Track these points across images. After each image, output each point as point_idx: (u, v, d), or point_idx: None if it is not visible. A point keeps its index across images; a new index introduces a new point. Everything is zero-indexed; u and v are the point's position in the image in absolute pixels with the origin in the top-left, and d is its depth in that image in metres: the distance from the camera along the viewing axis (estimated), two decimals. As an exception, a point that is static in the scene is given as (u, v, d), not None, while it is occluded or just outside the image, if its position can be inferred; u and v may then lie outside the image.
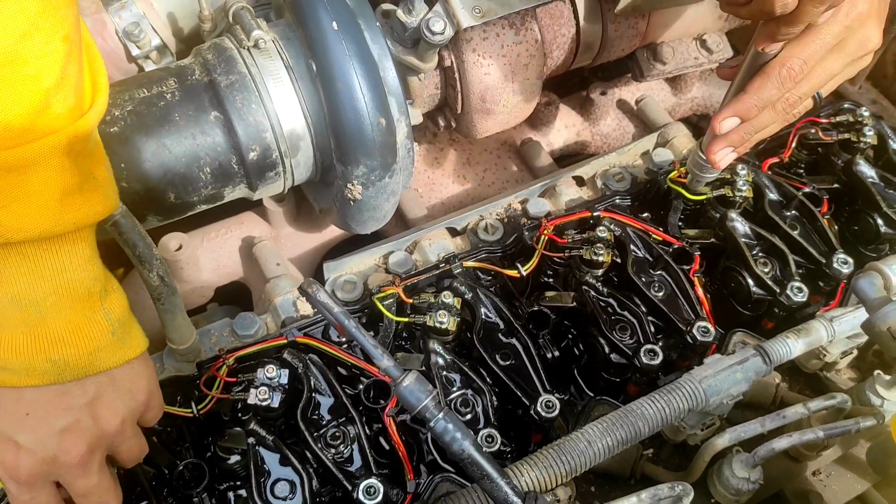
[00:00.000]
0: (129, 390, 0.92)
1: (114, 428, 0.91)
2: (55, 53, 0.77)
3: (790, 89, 0.99)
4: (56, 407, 0.87)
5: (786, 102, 1.00)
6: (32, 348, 0.83)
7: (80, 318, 0.86)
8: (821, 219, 1.38)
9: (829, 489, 1.20)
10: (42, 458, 0.87)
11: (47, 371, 0.85)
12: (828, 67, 0.99)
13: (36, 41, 0.75)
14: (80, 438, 0.88)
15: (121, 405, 0.91)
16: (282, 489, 1.09)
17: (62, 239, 0.82)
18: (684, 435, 1.17)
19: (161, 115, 1.16)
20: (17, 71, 0.74)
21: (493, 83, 1.31)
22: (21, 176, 0.76)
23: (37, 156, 0.77)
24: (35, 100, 0.76)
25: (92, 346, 0.87)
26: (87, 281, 0.86)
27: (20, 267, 0.81)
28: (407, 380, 0.83)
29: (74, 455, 0.88)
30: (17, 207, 0.77)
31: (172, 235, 1.46)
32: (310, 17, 1.16)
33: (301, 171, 1.28)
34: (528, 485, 0.95)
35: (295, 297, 1.29)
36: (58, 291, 0.83)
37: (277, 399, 1.08)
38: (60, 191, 0.80)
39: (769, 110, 1.01)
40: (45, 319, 0.84)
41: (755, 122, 1.03)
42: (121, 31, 1.45)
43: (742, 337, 1.29)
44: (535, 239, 1.32)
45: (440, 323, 1.17)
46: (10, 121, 0.75)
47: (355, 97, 1.15)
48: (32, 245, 0.81)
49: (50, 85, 0.77)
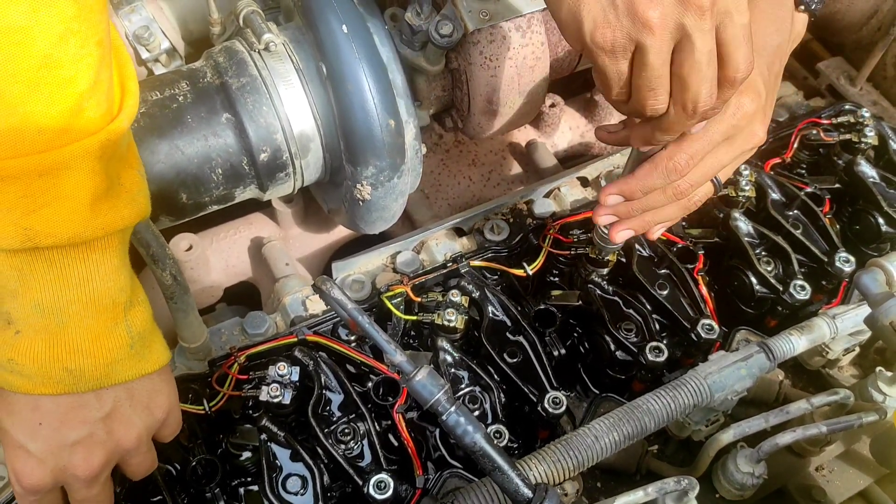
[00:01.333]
0: (147, 406, 0.92)
1: (129, 444, 0.91)
2: (90, 57, 0.76)
3: (675, 180, 1.00)
4: (71, 419, 0.86)
5: (676, 189, 1.02)
6: (50, 356, 0.83)
7: (101, 329, 0.85)
8: (823, 218, 1.40)
9: (832, 484, 1.22)
10: (52, 469, 0.87)
11: (63, 380, 0.84)
12: (718, 159, 1.01)
13: (72, 45, 0.74)
14: (93, 453, 0.88)
15: (138, 420, 0.90)
16: (293, 484, 1.10)
17: (90, 247, 0.82)
18: (689, 431, 1.19)
19: (173, 117, 1.17)
20: (53, 74, 0.74)
21: (499, 85, 1.33)
22: (53, 180, 0.76)
23: (70, 159, 0.76)
24: (70, 103, 0.76)
25: (110, 357, 0.86)
26: (112, 291, 0.85)
27: (47, 274, 0.80)
28: (420, 374, 0.84)
29: (85, 469, 0.87)
30: (47, 212, 0.76)
31: (183, 236, 1.48)
32: (320, 21, 1.17)
33: (311, 171, 1.30)
34: (537, 479, 0.97)
35: (304, 296, 1.30)
36: (82, 300, 0.82)
37: (289, 396, 1.10)
38: (91, 195, 0.79)
39: (658, 193, 1.03)
40: (66, 328, 0.83)
41: (643, 202, 1.04)
42: (130, 35, 1.47)
43: (745, 335, 1.30)
44: (540, 238, 1.34)
45: (448, 321, 1.18)
46: (45, 124, 0.74)
47: (365, 98, 1.16)
48: (60, 252, 0.80)
49: (84, 88, 0.76)
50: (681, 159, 0.98)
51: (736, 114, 0.98)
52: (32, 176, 0.75)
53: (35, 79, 0.73)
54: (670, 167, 0.99)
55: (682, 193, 1.03)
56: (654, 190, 1.02)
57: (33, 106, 0.73)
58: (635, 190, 1.03)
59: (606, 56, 0.84)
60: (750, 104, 0.98)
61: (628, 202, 1.05)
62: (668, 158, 0.99)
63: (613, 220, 1.09)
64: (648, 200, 1.04)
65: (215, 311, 1.64)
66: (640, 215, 1.07)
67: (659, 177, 1.00)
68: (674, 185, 1.01)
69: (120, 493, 1.09)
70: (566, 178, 1.49)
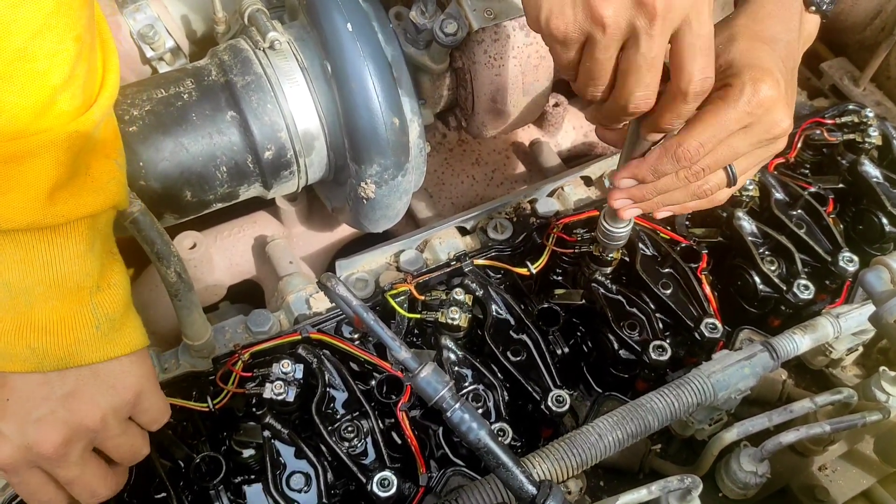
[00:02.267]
0: (113, 386, 0.92)
1: (92, 423, 0.90)
2: (66, 52, 0.79)
3: (686, 166, 1.00)
4: (35, 396, 0.88)
5: (688, 171, 1.02)
6: (16, 334, 0.85)
7: (66, 311, 0.87)
8: (826, 218, 1.40)
9: (835, 484, 1.22)
10: (17, 445, 0.87)
11: (27, 358, 0.86)
12: (732, 147, 1.00)
13: (48, 39, 0.77)
14: (55, 430, 0.88)
15: (101, 400, 0.91)
16: (297, 482, 1.11)
17: (55, 231, 0.84)
18: (692, 430, 1.19)
19: (178, 115, 1.18)
20: (27, 67, 0.76)
21: (503, 84, 1.34)
22: (18, 167, 0.78)
23: (35, 148, 0.79)
24: (42, 96, 0.78)
25: (74, 338, 0.87)
26: (77, 275, 0.87)
27: (14, 255, 0.83)
28: (424, 371, 0.85)
29: (48, 446, 0.87)
30: (9, 198, 0.79)
31: (186, 234, 1.48)
32: (324, 19, 1.18)
33: (315, 170, 1.30)
34: (541, 476, 0.97)
35: (308, 294, 1.31)
36: (46, 282, 0.85)
37: (293, 393, 1.10)
38: (52, 184, 0.81)
39: (670, 177, 1.03)
40: (33, 308, 0.85)
41: (657, 185, 1.04)
42: (135, 33, 1.48)
43: (749, 334, 1.30)
44: (544, 237, 1.34)
45: (452, 319, 1.18)
46: (16, 114, 0.77)
47: (369, 97, 1.17)
48: (27, 234, 0.82)
49: (58, 82, 0.79)
50: (690, 146, 0.98)
51: (751, 100, 0.96)
52: None
53: (9, 71, 0.75)
54: (679, 153, 0.98)
55: (694, 176, 1.02)
56: (666, 175, 1.02)
57: (6, 96, 0.76)
58: (647, 174, 1.03)
59: (558, 45, 0.88)
60: (768, 90, 0.96)
61: (641, 186, 1.05)
62: (678, 144, 0.98)
63: (629, 204, 1.08)
64: (660, 184, 1.04)
65: (219, 310, 1.64)
66: (653, 198, 1.07)
67: (669, 162, 1.00)
68: (685, 169, 1.01)
69: (124, 490, 1.09)
70: (570, 177, 1.49)
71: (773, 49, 1.03)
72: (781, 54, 1.04)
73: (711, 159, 1.00)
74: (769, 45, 1.03)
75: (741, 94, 0.96)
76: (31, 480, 0.91)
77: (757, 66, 0.98)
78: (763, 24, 1.04)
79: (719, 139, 0.98)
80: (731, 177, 1.05)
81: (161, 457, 1.11)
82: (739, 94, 0.96)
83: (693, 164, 1.00)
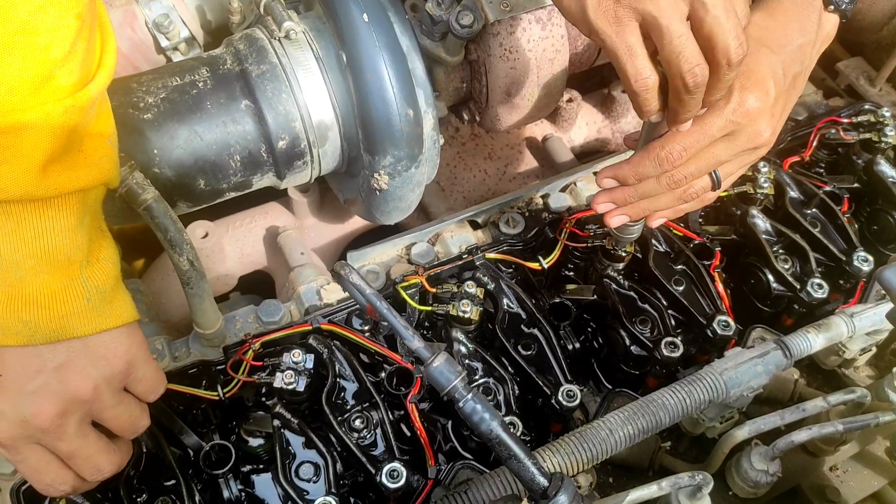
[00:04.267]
0: (104, 356, 0.92)
1: (85, 394, 0.91)
2: (67, 28, 0.79)
3: (668, 170, 1.01)
4: (28, 369, 0.88)
5: (670, 178, 1.02)
6: (7, 307, 0.85)
7: (56, 284, 0.87)
8: (841, 217, 1.39)
9: (846, 485, 1.21)
10: (13, 420, 0.88)
11: (19, 332, 0.86)
12: (715, 154, 1.01)
13: (50, 14, 0.77)
14: (48, 402, 0.88)
15: (93, 371, 0.91)
16: (306, 471, 1.10)
17: (47, 204, 0.84)
18: (703, 427, 1.18)
19: (193, 103, 1.18)
20: (28, 40, 0.77)
21: (518, 77, 1.33)
22: (13, 139, 0.79)
23: (31, 121, 0.79)
24: (42, 70, 0.79)
25: (64, 310, 0.87)
26: (67, 248, 0.87)
27: (4, 226, 0.83)
28: (437, 360, 0.84)
29: (43, 418, 0.88)
30: (4, 168, 0.79)
31: (199, 223, 1.49)
32: (340, 9, 1.17)
33: (328, 160, 1.30)
34: (551, 470, 0.97)
35: (319, 285, 1.31)
36: (37, 255, 0.85)
37: (303, 383, 1.10)
38: (46, 157, 0.82)
39: (653, 182, 1.04)
40: (23, 281, 0.85)
41: (638, 189, 1.05)
42: (150, 23, 1.48)
43: (761, 333, 1.29)
44: (556, 232, 1.33)
45: (463, 312, 1.18)
46: (14, 86, 0.78)
47: (384, 88, 1.16)
48: (18, 206, 0.82)
49: (58, 57, 0.80)
50: (673, 150, 0.99)
51: (737, 110, 0.97)
52: None
53: (10, 43, 0.76)
54: (662, 156, 1.00)
55: (676, 183, 1.03)
56: (648, 178, 1.03)
57: (6, 68, 0.77)
58: (628, 175, 1.04)
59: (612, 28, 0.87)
60: (754, 102, 0.97)
61: (624, 189, 1.06)
62: (661, 148, 0.99)
63: (611, 208, 1.09)
64: (643, 188, 1.05)
65: (229, 300, 1.65)
66: (636, 202, 1.07)
67: (650, 165, 1.01)
68: (668, 174, 1.01)
69: (133, 476, 1.10)
70: (582, 172, 1.49)
71: (779, 54, 1.03)
72: (787, 59, 1.04)
73: (694, 166, 1.01)
74: (775, 50, 1.02)
75: (728, 103, 0.97)
76: (32, 457, 0.91)
77: (750, 74, 0.98)
78: (779, 23, 1.04)
79: (702, 145, 0.99)
80: (715, 181, 1.06)
81: (171, 444, 1.11)
82: (726, 103, 0.97)
83: (675, 167, 1.00)
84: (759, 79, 0.98)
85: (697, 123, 0.97)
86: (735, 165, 1.07)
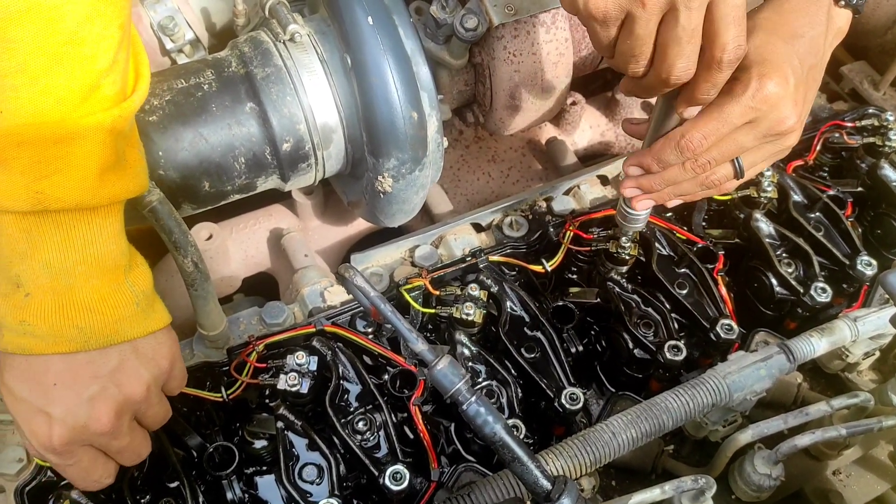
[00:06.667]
0: (153, 358, 0.95)
1: (139, 395, 0.93)
2: (111, 39, 0.82)
3: (689, 158, 1.02)
4: (83, 376, 0.89)
5: (694, 164, 1.03)
6: (61, 315, 0.86)
7: (107, 289, 0.89)
8: (845, 221, 1.39)
9: (850, 489, 1.21)
10: (73, 427, 0.89)
11: (74, 338, 0.87)
12: (738, 141, 1.02)
13: (97, 25, 0.80)
14: (108, 406, 0.90)
15: (145, 372, 0.94)
16: (309, 473, 1.11)
17: (94, 212, 0.86)
18: (706, 431, 1.18)
19: (198, 106, 1.18)
20: (76, 51, 0.79)
21: (522, 80, 1.33)
22: (67, 148, 0.81)
23: (84, 130, 0.81)
24: (89, 79, 0.81)
25: (117, 315, 0.90)
26: (114, 254, 0.89)
27: (54, 235, 0.84)
28: (441, 363, 0.85)
29: (104, 422, 0.90)
30: (58, 178, 0.81)
31: (203, 225, 1.49)
32: (345, 12, 1.18)
33: (332, 163, 1.30)
34: (554, 473, 0.97)
35: (322, 287, 1.31)
36: (87, 261, 0.87)
37: (307, 385, 1.10)
38: (100, 166, 0.84)
39: (677, 168, 1.05)
40: (74, 288, 0.87)
41: (664, 176, 1.07)
42: (155, 25, 1.48)
43: (764, 336, 1.30)
44: (560, 235, 1.34)
45: (467, 315, 1.18)
46: (63, 96, 0.80)
47: (389, 90, 1.17)
48: (67, 215, 0.84)
49: (103, 67, 0.82)
50: (693, 137, 1.00)
51: (756, 96, 0.97)
52: (48, 143, 0.80)
53: (59, 54, 0.78)
54: (682, 144, 1.01)
55: (700, 168, 1.03)
56: (671, 165, 1.04)
57: (55, 79, 0.79)
58: (651, 163, 1.06)
59: (598, 24, 0.89)
60: (774, 87, 0.97)
61: (650, 176, 1.08)
62: (682, 136, 1.01)
63: (638, 193, 1.11)
64: (668, 175, 1.06)
65: (233, 302, 1.65)
66: (662, 189, 1.09)
67: (672, 152, 1.02)
68: (691, 161, 1.03)
69: (137, 478, 1.10)
70: (586, 175, 1.49)
71: (792, 45, 1.03)
72: (801, 50, 1.04)
73: (717, 152, 1.02)
74: (788, 41, 1.03)
75: (746, 90, 0.97)
76: (84, 458, 0.93)
77: (767, 62, 0.98)
78: (787, 18, 1.04)
79: (723, 132, 1.00)
80: (737, 169, 1.06)
81: (174, 446, 1.11)
82: (744, 90, 0.97)
83: (697, 155, 1.02)
84: (777, 65, 0.98)
85: (715, 110, 0.98)
86: (760, 155, 1.07)
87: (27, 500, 1.06)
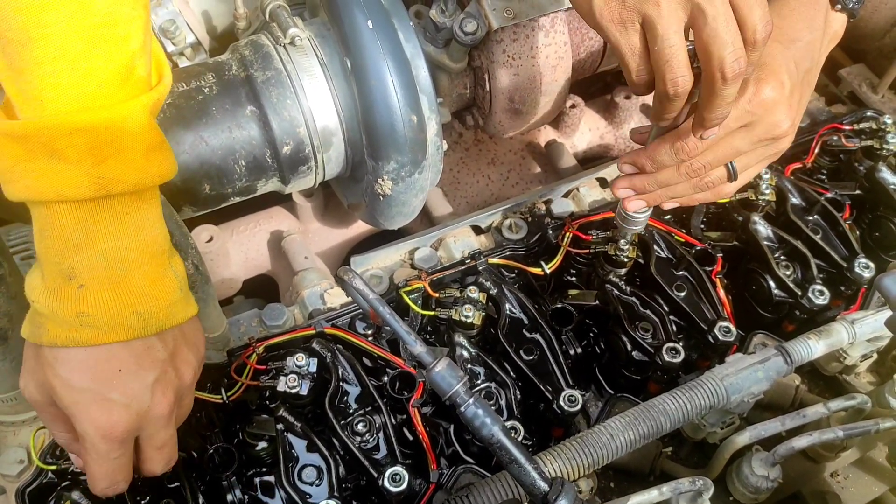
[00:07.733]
0: (195, 343, 0.96)
1: (190, 379, 0.94)
2: (139, 19, 0.81)
3: (684, 160, 1.03)
4: (145, 361, 0.89)
5: (689, 167, 1.04)
6: (120, 302, 0.86)
7: (156, 274, 0.89)
8: (843, 224, 1.39)
9: (847, 491, 1.22)
10: (137, 412, 0.89)
11: (133, 325, 0.87)
12: (733, 145, 1.02)
13: (126, 5, 0.79)
14: (169, 389, 0.91)
15: (192, 358, 0.95)
16: (309, 475, 1.11)
17: (142, 197, 0.86)
18: (704, 433, 1.19)
19: (199, 109, 1.19)
20: (111, 32, 0.78)
21: (521, 84, 1.34)
22: (117, 132, 0.80)
23: (131, 113, 0.81)
24: (125, 60, 0.81)
25: (168, 299, 0.90)
26: (160, 238, 0.89)
27: (110, 224, 0.84)
28: (439, 365, 0.85)
29: (165, 406, 0.90)
30: (113, 161, 0.81)
31: (203, 228, 1.50)
32: (345, 16, 1.18)
33: (332, 166, 1.31)
34: (552, 475, 0.97)
35: (322, 289, 1.31)
36: (139, 247, 0.86)
37: (306, 387, 1.11)
38: (146, 147, 0.84)
39: (671, 170, 1.05)
40: (128, 275, 0.86)
41: (657, 177, 1.07)
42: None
43: (763, 339, 1.30)
44: (559, 237, 1.34)
45: (466, 317, 1.19)
46: (104, 79, 0.79)
47: (388, 94, 1.17)
48: (121, 202, 0.84)
49: (136, 47, 0.82)
50: (689, 140, 1.00)
51: (752, 100, 0.98)
52: (100, 128, 0.79)
53: (96, 36, 0.78)
54: (678, 146, 1.01)
55: (694, 172, 1.04)
56: (666, 167, 1.05)
57: (94, 62, 0.78)
58: (645, 163, 1.06)
59: (616, 28, 0.89)
60: (770, 91, 0.98)
61: (643, 176, 1.08)
62: (677, 137, 1.01)
63: (630, 194, 1.11)
64: (662, 176, 1.06)
65: (233, 304, 1.65)
66: (654, 190, 1.09)
67: (667, 153, 1.02)
68: (686, 163, 1.03)
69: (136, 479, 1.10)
70: (585, 178, 1.49)
71: (789, 49, 1.04)
72: (798, 55, 1.05)
73: (712, 155, 1.02)
74: (785, 45, 1.04)
75: (743, 94, 0.98)
76: (127, 453, 0.92)
77: (764, 66, 0.99)
78: (786, 21, 1.05)
79: (719, 136, 1.00)
80: (731, 172, 1.07)
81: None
82: (741, 94, 0.97)
83: (692, 157, 1.02)
84: (773, 70, 0.99)
85: None
86: (754, 158, 1.08)
87: (28, 501, 1.06)
